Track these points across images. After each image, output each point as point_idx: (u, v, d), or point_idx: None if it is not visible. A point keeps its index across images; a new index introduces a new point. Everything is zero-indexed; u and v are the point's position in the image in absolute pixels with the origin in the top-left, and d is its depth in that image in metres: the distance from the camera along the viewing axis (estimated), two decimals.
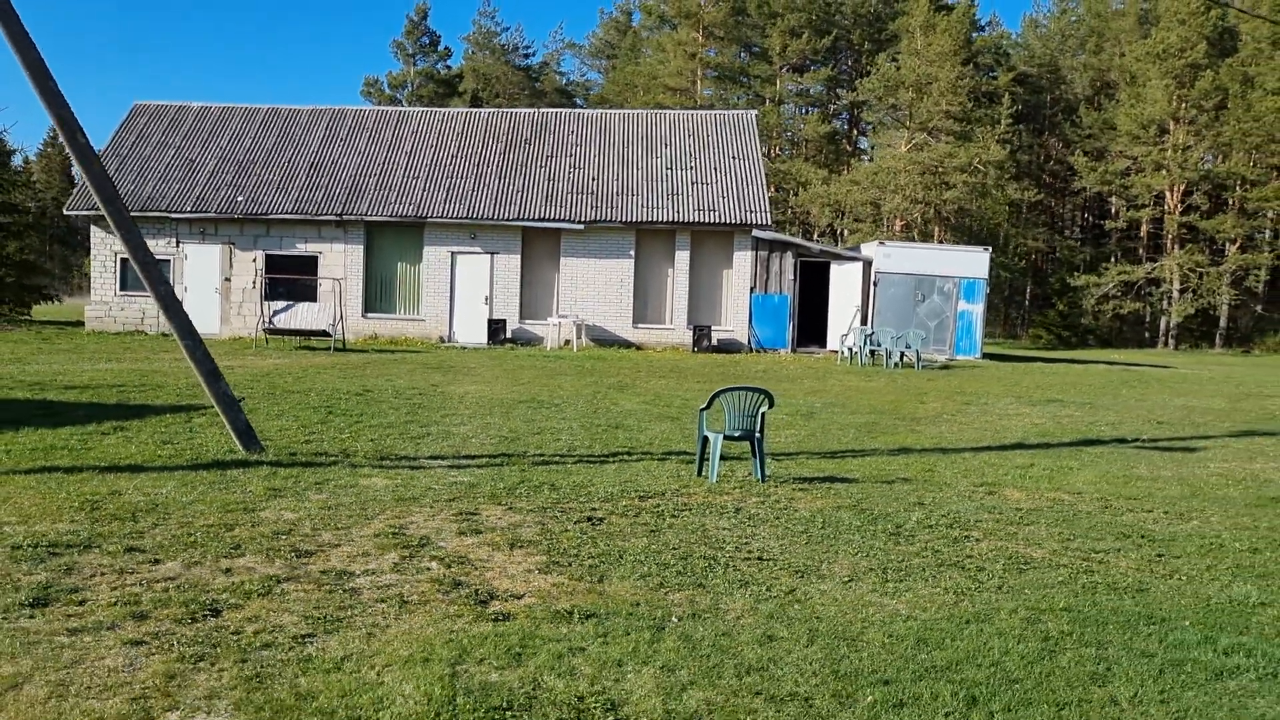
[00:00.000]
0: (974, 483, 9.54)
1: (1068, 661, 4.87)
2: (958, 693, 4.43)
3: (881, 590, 5.93)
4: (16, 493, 7.56)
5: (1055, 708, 4.33)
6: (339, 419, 12.09)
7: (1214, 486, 9.78)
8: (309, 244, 27.36)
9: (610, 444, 11.16)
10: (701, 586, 5.87)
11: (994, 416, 14.93)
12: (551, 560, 6.29)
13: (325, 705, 4.06)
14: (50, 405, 12.32)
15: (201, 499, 7.57)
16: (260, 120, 30.54)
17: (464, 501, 7.86)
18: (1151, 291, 49.18)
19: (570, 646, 4.80)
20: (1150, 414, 15.66)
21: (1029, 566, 6.56)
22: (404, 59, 65.55)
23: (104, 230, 27.09)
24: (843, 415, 14.59)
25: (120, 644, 4.64)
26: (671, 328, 27.00)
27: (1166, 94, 46.17)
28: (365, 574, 5.88)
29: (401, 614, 5.20)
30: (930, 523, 7.70)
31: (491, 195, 27.57)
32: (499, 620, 5.15)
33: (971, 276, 26.17)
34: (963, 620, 5.42)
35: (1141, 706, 4.38)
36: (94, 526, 6.65)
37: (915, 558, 6.66)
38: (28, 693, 4.08)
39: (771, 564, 6.40)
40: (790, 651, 4.87)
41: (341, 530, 6.84)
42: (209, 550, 6.21)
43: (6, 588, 5.35)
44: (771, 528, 7.36)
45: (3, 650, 4.50)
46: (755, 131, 29.78)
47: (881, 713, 4.22)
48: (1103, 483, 9.75)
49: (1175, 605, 5.80)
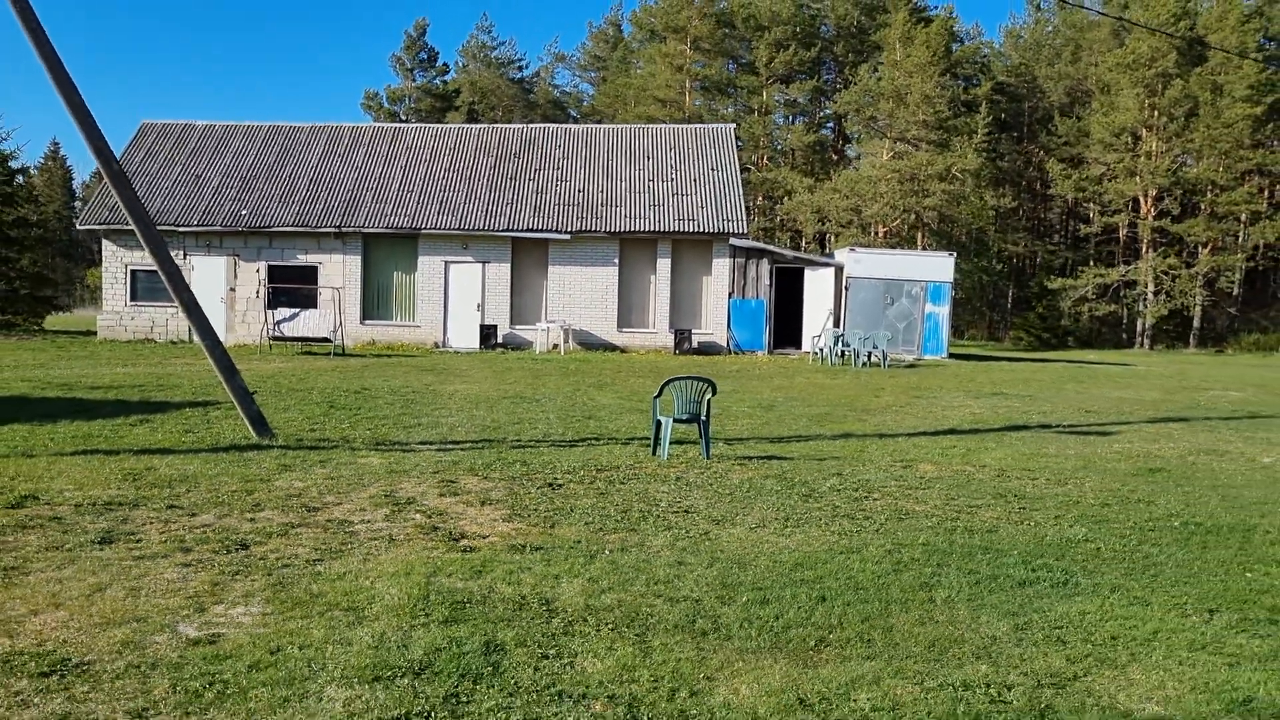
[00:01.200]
0: (895, 459, 10.93)
1: (908, 577, 6.26)
2: (812, 594, 5.83)
3: (780, 533, 7.33)
4: (68, 469, 8.95)
5: (884, 603, 5.73)
6: (339, 413, 13.49)
7: (1106, 461, 11.18)
8: (309, 255, 28.78)
9: (581, 431, 12.55)
10: (633, 531, 7.27)
11: (938, 408, 16.32)
12: (514, 513, 7.70)
13: (332, 600, 5.46)
14: (80, 403, 13.73)
15: (224, 472, 8.97)
16: (262, 137, 31.98)
17: (446, 474, 9.25)
18: (1126, 294, 50.63)
19: (520, 567, 6.20)
20: (1083, 405, 17.07)
21: (908, 517, 7.96)
22: (403, 73, 67.14)
23: (115, 244, 28.51)
24: (800, 408, 15.97)
25: (173, 566, 6.04)
26: (654, 331, 28.42)
27: (1138, 102, 47.67)
28: (362, 522, 7.28)
29: (390, 548, 6.60)
30: (841, 488, 9.09)
31: (483, 208, 29.00)
32: (466, 551, 6.55)
33: (937, 281, 27.61)
34: (836, 552, 6.81)
35: (951, 603, 5.78)
36: (138, 492, 8.06)
37: (817, 511, 8.06)
38: (110, 594, 5.48)
39: (695, 515, 7.80)
40: (693, 571, 6.26)
41: (342, 494, 8.24)
42: (235, 507, 7.61)
43: (78, 531, 6.75)
44: (703, 491, 8.76)
45: (87, 569, 5.91)
46: (733, 145, 31.24)
47: (751, 606, 5.61)
48: (1009, 459, 11.14)
49: (1013, 542, 7.20)
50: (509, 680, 4.48)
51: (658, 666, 4.69)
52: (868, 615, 5.52)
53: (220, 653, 4.69)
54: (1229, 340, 50.32)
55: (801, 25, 60.44)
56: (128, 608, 5.28)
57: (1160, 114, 47.99)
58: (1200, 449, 12.22)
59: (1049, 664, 4.87)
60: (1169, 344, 50.62)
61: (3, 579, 5.70)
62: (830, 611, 5.56)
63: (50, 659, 4.56)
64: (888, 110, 51.93)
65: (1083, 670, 4.80)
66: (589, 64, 76.14)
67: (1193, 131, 47.10)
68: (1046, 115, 57.41)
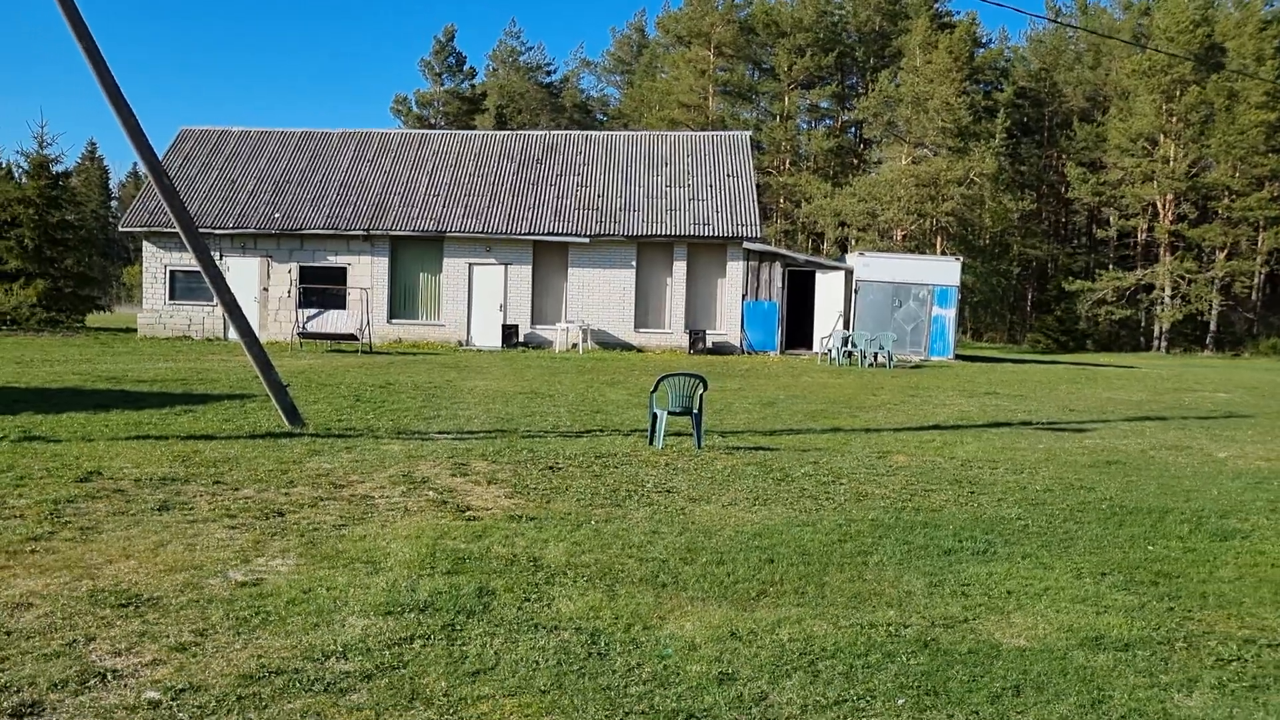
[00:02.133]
0: (873, 451, 11.87)
1: (850, 545, 7.24)
2: (763, 557, 6.82)
3: (747, 510, 8.32)
4: (124, 451, 10.08)
5: (823, 565, 6.70)
6: (364, 405, 14.60)
7: (1069, 454, 12.06)
8: (339, 256, 30.01)
9: (588, 424, 13.58)
10: (618, 506, 8.28)
11: (930, 406, 17.22)
12: (515, 491, 8.74)
13: (354, 555, 6.52)
14: (129, 394, 14.92)
15: (261, 455, 10.07)
16: (295, 143, 33.27)
17: (459, 459, 10.31)
18: (1144, 297, 51.07)
19: (515, 533, 7.23)
20: (1068, 404, 17.91)
21: (866, 498, 8.92)
22: (432, 78, 68.53)
23: (155, 245, 29.87)
24: (798, 405, 16.92)
25: (221, 528, 7.12)
26: (670, 332, 29.42)
27: (1154, 108, 48.14)
28: (381, 497, 8.34)
29: (404, 517, 7.66)
30: (813, 474, 10.06)
31: (505, 211, 30.12)
32: (470, 520, 7.60)
33: (944, 284, 28.44)
34: (793, 525, 7.80)
35: (881, 566, 6.74)
36: (187, 470, 9.16)
37: (785, 493, 9.04)
38: (170, 548, 6.56)
39: (675, 495, 8.80)
40: (664, 538, 7.27)
41: (365, 474, 9.31)
42: (271, 483, 8.70)
43: (139, 500, 7.86)
44: (687, 475, 9.76)
45: (149, 530, 7.00)
46: (749, 151, 32.20)
47: (708, 566, 6.60)
48: (979, 451, 12.05)
49: (952, 519, 8.16)
50: (496, 616, 5.51)
51: (620, 608, 5.70)
52: (806, 574, 6.50)
53: (263, 592, 5.75)
54: (1246, 344, 50.63)
55: (823, 31, 61.23)
56: (185, 558, 6.36)
57: (1177, 120, 48.42)
58: (1164, 445, 13.07)
59: (947, 610, 5.84)
60: (1186, 347, 51.00)
61: (81, 536, 6.80)
62: (775, 570, 6.55)
63: (126, 594, 5.63)
64: (906, 116, 52.63)
65: (973, 615, 5.77)
66: (614, 68, 77.26)
67: (1208, 137, 47.51)
68: (1066, 120, 57.89)
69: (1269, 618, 5.85)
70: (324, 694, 4.41)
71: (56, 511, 7.43)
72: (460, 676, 4.65)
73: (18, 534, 6.78)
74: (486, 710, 4.30)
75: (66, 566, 6.12)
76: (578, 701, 4.41)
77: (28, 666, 4.60)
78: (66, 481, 8.43)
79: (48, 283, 32.54)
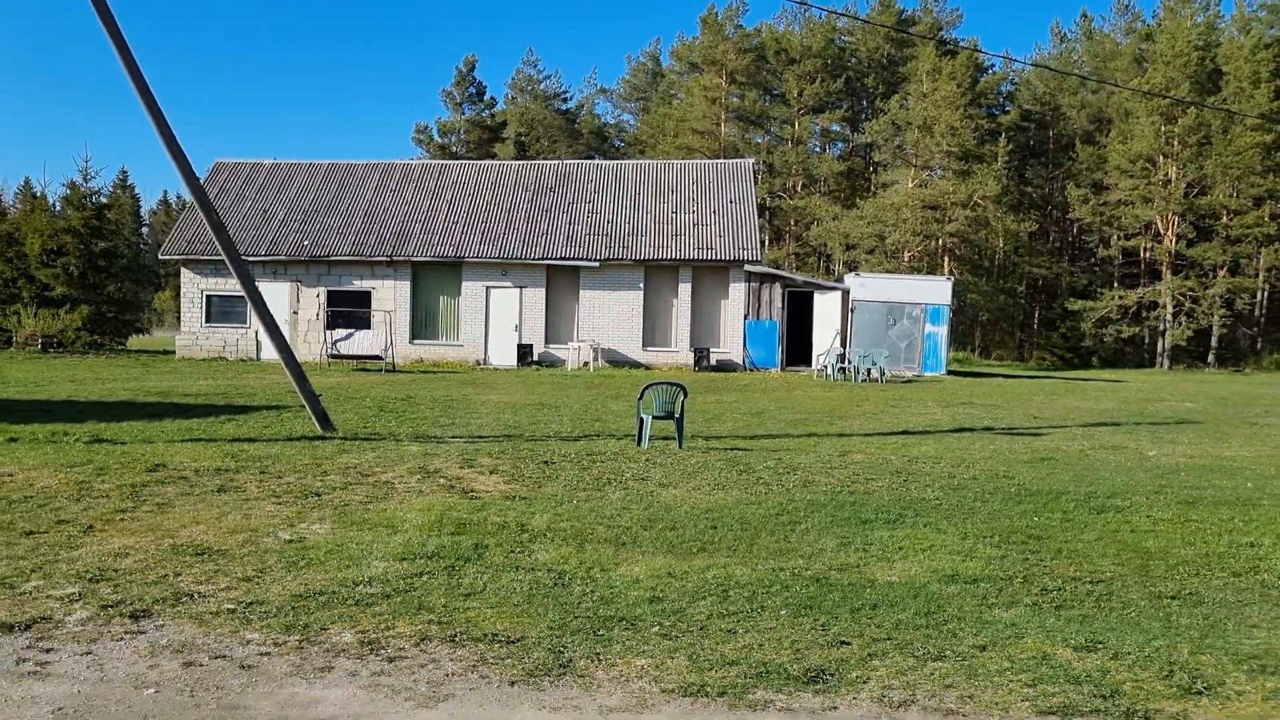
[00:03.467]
0: (837, 451, 13.36)
1: (785, 518, 8.76)
2: (709, 524, 8.36)
3: (707, 493, 9.86)
4: (181, 450, 11.75)
5: (757, 531, 8.23)
6: (388, 415, 16.24)
7: (1014, 453, 13.50)
8: (364, 281, 31.84)
9: (588, 430, 15.15)
10: (598, 491, 9.85)
11: (906, 415, 18.68)
12: (513, 479, 10.32)
13: (377, 522, 8.11)
14: (177, 405, 16.65)
15: (299, 453, 11.71)
16: (322, 174, 35.22)
17: (468, 456, 11.90)
18: (1147, 315, 52.21)
19: (508, 508, 8.81)
20: (1036, 413, 19.33)
21: (813, 485, 10.44)
22: (453, 107, 70.72)
23: (193, 272, 31.80)
24: (785, 414, 18.43)
25: (269, 503, 8.74)
26: (676, 350, 31.00)
27: (1154, 129, 49.44)
28: (400, 483, 9.95)
29: (419, 496, 9.26)
30: (775, 468, 11.58)
31: (520, 237, 31.87)
32: (472, 499, 9.18)
33: (936, 303, 29.89)
34: (742, 504, 9.33)
35: (805, 532, 8.26)
36: (237, 463, 10.81)
37: (744, 481, 10.57)
38: (231, 517, 8.19)
39: (649, 482, 10.36)
40: (631, 512, 8.82)
41: (387, 467, 10.92)
42: (308, 473, 10.32)
43: (200, 485, 9.50)
44: (662, 468, 11.31)
45: (212, 505, 8.63)
46: (751, 179, 33.84)
47: (663, 531, 8.13)
48: (933, 451, 13.52)
49: (879, 500, 9.66)
50: (487, 561, 7.08)
51: (585, 558, 7.25)
52: (741, 537, 8.03)
53: (305, 546, 7.35)
54: (1249, 360, 51.60)
55: (831, 58, 62.92)
56: (243, 524, 7.98)
57: (1175, 141, 49.69)
58: (1104, 445, 14.50)
59: (845, 560, 7.35)
60: (1190, 364, 52.02)
61: (158, 510, 8.44)
62: (716, 534, 8.09)
63: (199, 547, 7.25)
64: (913, 140, 54.17)
65: (864, 563, 7.28)
66: (629, 95, 79.26)
67: (1206, 158, 48.75)
68: (1070, 142, 59.24)
69: (1104, 565, 7.33)
70: (354, 606, 5.99)
71: (135, 492, 9.08)
72: (456, 597, 6.22)
73: (107, 508, 8.44)
74: (473, 616, 5.87)
75: (150, 530, 7.76)
76: (540, 611, 5.97)
77: (135, 589, 6.22)
78: (138, 471, 10.10)
79: (92, 308, 34.57)
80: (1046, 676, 5.02)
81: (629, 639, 5.53)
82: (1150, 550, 7.79)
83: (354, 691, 4.78)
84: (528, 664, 5.13)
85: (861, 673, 5.07)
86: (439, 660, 5.19)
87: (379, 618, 5.79)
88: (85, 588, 6.23)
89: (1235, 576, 7.09)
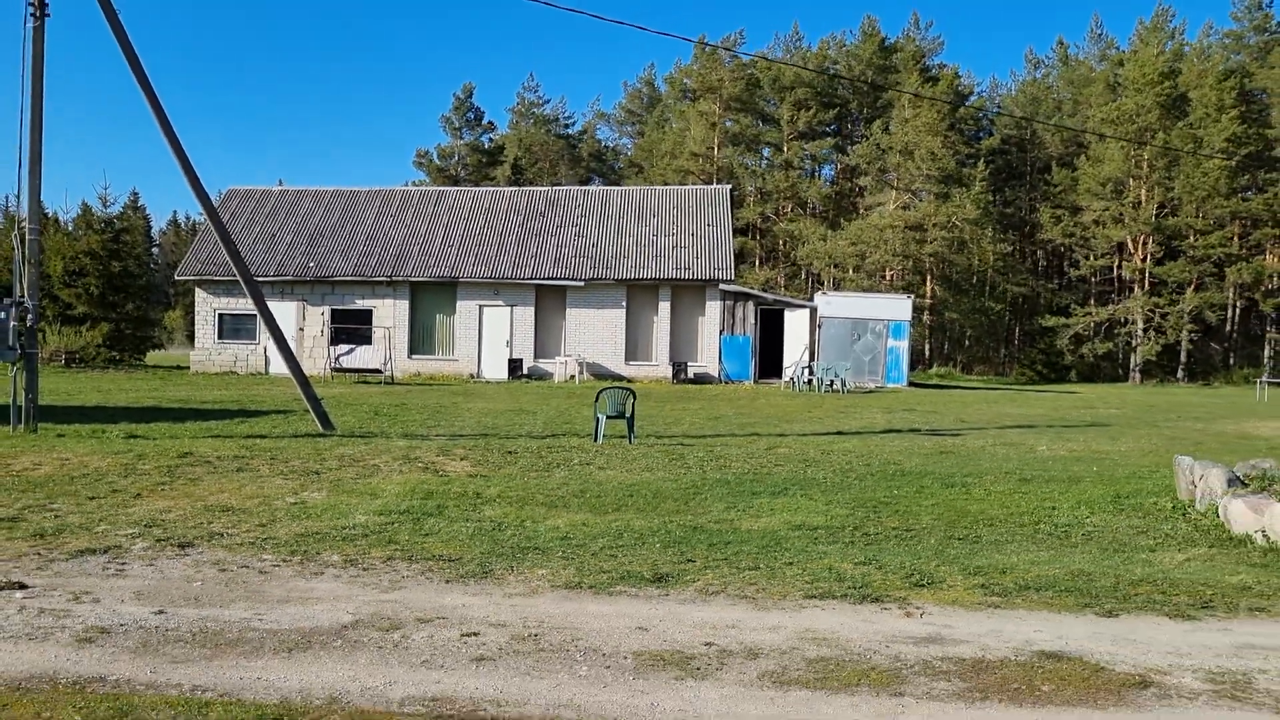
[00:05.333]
0: (766, 446, 15.47)
1: (692, 490, 10.89)
2: (627, 493, 10.49)
3: (636, 474, 11.99)
4: (203, 443, 13.93)
5: (663, 498, 10.35)
6: (382, 418, 18.41)
7: (921, 448, 15.60)
8: (365, 300, 34.08)
9: (556, 431, 17.28)
10: (546, 472, 11.99)
11: (849, 419, 20.78)
12: (477, 464, 12.48)
13: (362, 491, 10.28)
14: (197, 410, 18.85)
15: (302, 446, 13.88)
16: (326, 200, 37.55)
17: (445, 448, 14.06)
18: (1119, 331, 54.30)
19: (469, 483, 10.96)
20: (964, 418, 21.43)
21: (728, 468, 12.57)
22: (451, 132, 73.22)
23: (206, 292, 34.10)
24: (740, 419, 20.53)
25: (278, 478, 10.91)
26: (656, 364, 33.16)
27: (1123, 153, 51.64)
28: (385, 466, 12.11)
29: (398, 475, 11.41)
30: (704, 458, 13.70)
31: (511, 259, 34.12)
32: (441, 476, 11.34)
33: (898, 319, 32.05)
34: (662, 480, 11.46)
35: (704, 498, 10.39)
36: (251, 453, 12.99)
37: (671, 465, 12.70)
38: (248, 488, 10.36)
39: (590, 467, 12.50)
40: (568, 486, 10.96)
41: (375, 455, 13.08)
42: (310, 459, 12.50)
43: (222, 466, 11.68)
44: (607, 457, 13.46)
45: (232, 480, 10.81)
46: (728, 204, 36.08)
47: (589, 498, 10.27)
48: (852, 447, 15.61)
49: (776, 480, 11.77)
50: (445, 516, 9.22)
51: (522, 515, 9.38)
52: (650, 502, 10.17)
53: (306, 506, 9.51)
54: (1219, 373, 53.59)
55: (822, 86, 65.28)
56: (258, 492, 10.15)
57: (1144, 165, 51.90)
58: (1005, 442, 16.60)
59: (724, 516, 9.48)
60: (1162, 378, 54.01)
61: (190, 483, 10.62)
62: (631, 500, 10.23)
63: (224, 507, 9.40)
64: (895, 164, 56.45)
65: (737, 519, 9.41)
66: (625, 119, 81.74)
67: (1173, 181, 50.93)
68: (1047, 165, 61.51)
69: (924, 520, 9.44)
70: (342, 541, 8.14)
71: (170, 471, 11.27)
72: (417, 536, 8.37)
73: (149, 481, 10.62)
74: (428, 546, 8.01)
75: (185, 496, 9.93)
76: (477, 544, 8.11)
77: (178, 531, 8.38)
78: (171, 457, 12.28)
79: (111, 326, 36.90)
80: (823, 578, 7.15)
81: (537, 559, 7.68)
82: (969, 511, 9.91)
83: (337, 585, 6.92)
84: (460, 571, 7.28)
85: (694, 577, 7.21)
86: (398, 570, 7.34)
87: (358, 547, 7.95)
88: (142, 530, 8.40)
89: (1020, 527, 9.21)
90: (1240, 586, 7.01)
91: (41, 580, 6.82)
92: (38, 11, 14.01)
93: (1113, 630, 6.07)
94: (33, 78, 13.91)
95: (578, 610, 6.35)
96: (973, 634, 5.94)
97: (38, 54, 13.84)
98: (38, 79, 13.99)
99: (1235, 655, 5.62)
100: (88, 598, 6.42)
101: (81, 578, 6.91)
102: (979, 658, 5.53)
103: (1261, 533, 8.19)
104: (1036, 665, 5.41)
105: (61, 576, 6.93)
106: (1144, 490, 10.80)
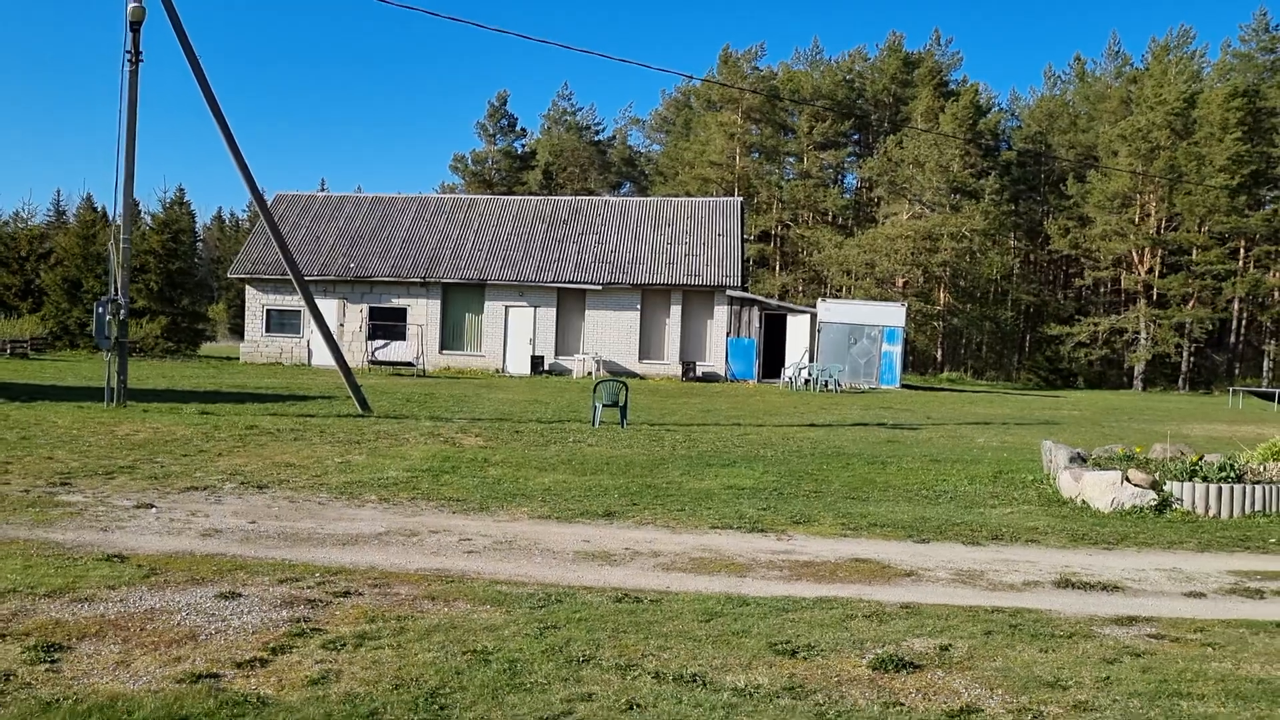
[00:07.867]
0: (742, 434, 18.01)
1: (659, 461, 13.46)
2: (605, 461, 13.11)
3: (617, 449, 14.58)
4: (264, 419, 16.70)
5: (633, 466, 12.94)
6: (412, 404, 21.15)
7: (873, 437, 18.05)
8: (400, 299, 36.95)
9: (563, 418, 19.91)
10: (543, 447, 14.63)
11: (828, 414, 23.23)
12: (487, 440, 15.16)
13: (393, 455, 12.98)
14: (254, 394, 21.70)
15: (345, 423, 16.63)
16: (366, 205, 40.48)
17: (464, 428, 16.75)
18: (1116, 340, 56.21)
19: (479, 453, 13.63)
20: (931, 416, 23.82)
21: (695, 448, 15.13)
22: (485, 138, 76.19)
23: (255, 289, 37.13)
24: (731, 412, 23.05)
25: (326, 445, 13.65)
26: (667, 363, 35.75)
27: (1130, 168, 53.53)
28: (413, 439, 14.81)
29: (423, 446, 14.11)
30: (680, 439, 16.27)
31: (535, 263, 36.84)
32: (457, 448, 14.03)
33: (892, 325, 34.42)
34: (636, 454, 14.05)
35: (667, 468, 12.96)
36: (303, 427, 15.74)
37: (650, 445, 15.29)
38: (303, 451, 13.09)
39: (581, 444, 15.13)
40: (559, 456, 13.59)
41: (406, 431, 15.79)
42: (351, 434, 15.23)
43: (282, 436, 14.44)
44: (597, 437, 16.07)
45: (291, 446, 13.56)
46: (739, 215, 38.59)
47: (573, 464, 12.88)
48: (816, 435, 18.11)
49: (730, 456, 14.30)
50: (459, 473, 11.88)
51: (517, 475, 12.02)
52: (622, 469, 12.77)
53: (350, 464, 12.21)
54: (1219, 382, 55.32)
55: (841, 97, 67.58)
56: (311, 454, 12.88)
57: (1150, 181, 53.78)
58: (951, 435, 19.02)
59: (676, 479, 12.05)
60: (1165, 386, 55.82)
61: (259, 447, 13.37)
62: (607, 467, 12.84)
63: (286, 464, 12.12)
64: (907, 176, 58.66)
65: (686, 481, 11.97)
66: (659, 126, 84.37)
67: (1177, 196, 52.80)
68: (1061, 177, 63.41)
69: (835, 485, 11.95)
70: (378, 488, 10.82)
71: (241, 438, 14.04)
72: (436, 485, 11.04)
73: (226, 445, 13.38)
74: (443, 492, 10.67)
75: (256, 456, 12.67)
76: (480, 492, 10.75)
77: (255, 478, 11.10)
78: (239, 429, 15.07)
79: (168, 319, 40.08)
80: (728, 516, 9.72)
81: (522, 501, 10.31)
82: (875, 481, 12.42)
83: (375, 513, 9.58)
84: (464, 507, 9.94)
85: (634, 513, 9.81)
86: (419, 505, 10.00)
87: (390, 491, 10.63)
88: (227, 477, 11.13)
89: (905, 491, 11.71)
90: (1031, 528, 9.51)
91: (164, 504, 9.55)
92: (133, 57, 16.84)
93: (917, 550, 8.61)
94: (129, 113, 16.76)
95: (544, 530, 8.98)
96: (815, 550, 8.50)
97: (133, 95, 16.68)
98: (132, 113, 16.84)
99: (987, 563, 8.15)
100: (200, 514, 9.13)
101: (192, 504, 9.64)
102: (809, 560, 8.10)
103: (1079, 497, 10.65)
104: (845, 565, 7.97)
105: (178, 503, 9.65)
106: (1022, 469, 13.26)
